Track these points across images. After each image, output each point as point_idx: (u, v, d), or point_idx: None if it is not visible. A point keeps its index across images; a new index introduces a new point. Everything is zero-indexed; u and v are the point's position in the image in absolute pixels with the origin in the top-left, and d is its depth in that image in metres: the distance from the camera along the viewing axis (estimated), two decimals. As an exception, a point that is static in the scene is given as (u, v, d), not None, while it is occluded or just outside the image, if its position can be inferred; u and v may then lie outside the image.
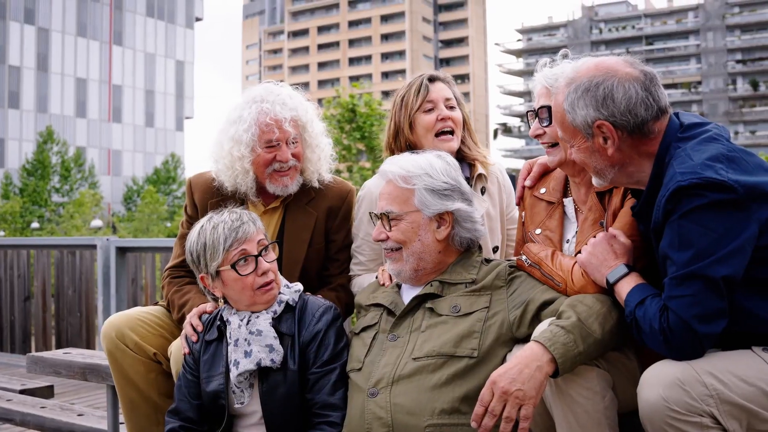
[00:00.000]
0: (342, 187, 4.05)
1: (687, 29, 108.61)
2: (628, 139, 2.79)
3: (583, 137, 2.84)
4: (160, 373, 3.78)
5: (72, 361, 4.47)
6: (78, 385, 7.44)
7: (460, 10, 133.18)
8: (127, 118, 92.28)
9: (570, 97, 2.82)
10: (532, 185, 3.53)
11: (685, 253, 2.56)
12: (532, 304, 3.02)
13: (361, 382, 3.09)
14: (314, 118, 3.91)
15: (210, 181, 3.95)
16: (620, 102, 2.74)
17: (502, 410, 2.69)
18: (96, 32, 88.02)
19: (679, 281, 2.57)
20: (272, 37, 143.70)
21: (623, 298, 2.81)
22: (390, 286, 3.43)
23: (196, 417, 3.36)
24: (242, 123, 3.73)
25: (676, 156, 2.70)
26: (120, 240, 8.24)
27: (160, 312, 3.92)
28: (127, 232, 53.69)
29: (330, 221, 3.97)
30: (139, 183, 78.50)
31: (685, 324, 2.55)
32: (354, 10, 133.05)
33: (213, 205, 3.73)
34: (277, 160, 3.75)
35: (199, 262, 3.32)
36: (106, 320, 3.82)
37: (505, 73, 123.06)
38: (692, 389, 2.52)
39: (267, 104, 3.72)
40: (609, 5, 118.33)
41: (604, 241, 2.95)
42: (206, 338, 3.42)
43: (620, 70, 2.80)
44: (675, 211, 2.59)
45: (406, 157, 3.38)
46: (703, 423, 2.51)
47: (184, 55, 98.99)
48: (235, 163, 3.75)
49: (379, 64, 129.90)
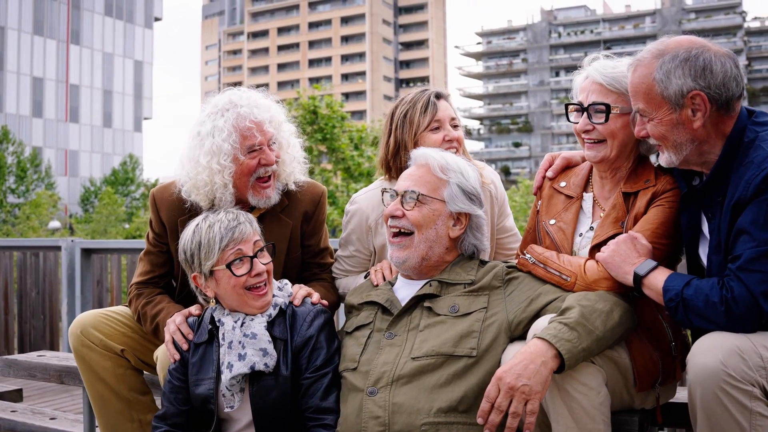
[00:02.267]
0: (314, 191, 3.96)
1: (644, 34, 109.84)
2: (714, 114, 2.88)
3: (670, 108, 2.90)
4: (128, 368, 3.76)
5: (47, 363, 4.41)
6: (44, 388, 7.34)
7: (421, 13, 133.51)
8: (85, 118, 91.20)
9: (665, 66, 2.88)
10: (554, 177, 3.58)
11: (767, 232, 2.66)
12: (535, 304, 3.06)
13: (357, 382, 3.09)
14: (285, 119, 3.84)
15: (177, 197, 3.77)
16: (718, 74, 2.84)
17: (508, 406, 2.72)
18: (53, 31, 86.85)
19: (758, 257, 2.67)
20: (232, 38, 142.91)
21: (659, 286, 2.89)
22: (383, 284, 3.44)
23: (184, 422, 3.32)
24: (220, 133, 3.58)
25: (762, 139, 2.81)
26: (85, 241, 8.11)
27: (126, 312, 3.89)
28: (84, 233, 52.88)
29: (305, 226, 3.91)
30: (96, 184, 77.53)
31: (753, 298, 2.66)
32: (314, 12, 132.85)
33: (183, 223, 3.59)
34: (261, 164, 3.65)
35: (193, 260, 3.29)
36: (73, 320, 3.78)
37: (465, 75, 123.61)
38: (749, 358, 2.60)
39: (243, 108, 3.61)
40: (568, 9, 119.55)
41: (627, 240, 3.04)
42: (195, 341, 3.37)
43: (712, 47, 2.91)
44: (766, 192, 2.69)
45: (444, 153, 3.44)
46: (753, 393, 2.60)
47: (143, 55, 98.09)
48: (214, 177, 3.59)
49: (339, 66, 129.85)
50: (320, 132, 30.19)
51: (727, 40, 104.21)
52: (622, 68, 3.23)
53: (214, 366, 3.27)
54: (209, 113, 3.66)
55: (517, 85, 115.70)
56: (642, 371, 3.05)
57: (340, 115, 31.02)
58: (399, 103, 3.89)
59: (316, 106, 30.25)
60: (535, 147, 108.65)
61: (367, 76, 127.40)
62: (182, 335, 3.40)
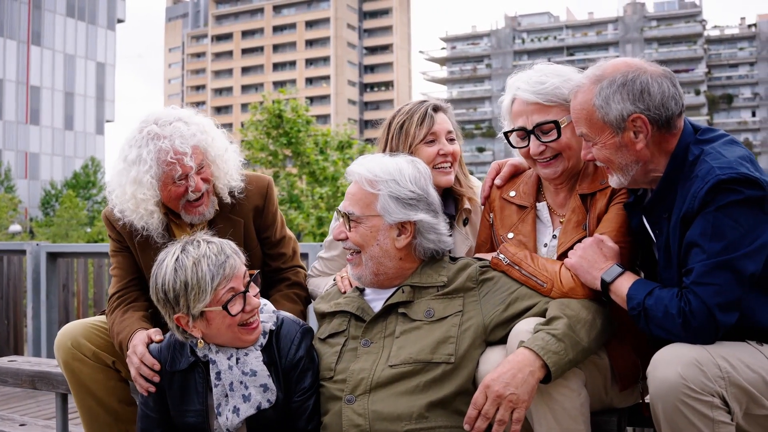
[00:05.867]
0: (260, 184, 3.92)
1: (607, 41, 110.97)
2: (656, 134, 2.92)
3: (612, 132, 2.93)
4: (119, 380, 3.70)
5: (19, 369, 4.30)
6: (8, 394, 7.21)
7: (385, 18, 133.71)
8: (46, 120, 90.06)
9: (604, 92, 2.91)
10: (502, 185, 3.56)
11: (717, 243, 2.70)
12: (513, 309, 3.05)
13: (335, 390, 3.06)
14: (213, 133, 3.72)
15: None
16: (656, 95, 2.88)
17: (495, 413, 2.74)
18: (13, 31, 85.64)
19: (710, 269, 2.70)
20: (195, 41, 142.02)
21: (623, 293, 2.91)
22: (351, 290, 3.39)
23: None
24: (143, 164, 3.51)
25: (706, 153, 2.85)
26: (51, 245, 8.03)
27: None
28: (45, 237, 52.19)
29: (257, 220, 3.90)
30: (57, 187, 76.65)
31: (708, 310, 2.68)
32: (279, 15, 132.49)
33: (141, 244, 3.63)
34: (188, 191, 3.58)
35: (177, 302, 2.97)
36: (59, 330, 3.71)
37: (429, 80, 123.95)
38: (708, 370, 2.63)
39: (165, 141, 3.51)
40: (531, 16, 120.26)
41: (593, 244, 3.05)
42: (169, 369, 3.19)
43: (648, 68, 2.94)
44: (712, 203, 2.73)
45: (377, 160, 3.30)
46: (713, 403, 2.63)
47: (105, 56, 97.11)
48: (139, 206, 3.55)
49: (304, 70, 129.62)
50: (285, 136, 29.97)
51: (687, 47, 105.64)
52: (548, 79, 3.23)
53: (201, 398, 3.11)
54: (135, 138, 3.58)
55: (481, 91, 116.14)
56: (623, 371, 3.10)
57: (305, 119, 30.85)
58: (396, 113, 3.83)
59: (281, 110, 30.07)
60: (499, 152, 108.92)
61: (332, 80, 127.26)
62: (148, 368, 3.22)
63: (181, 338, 3.13)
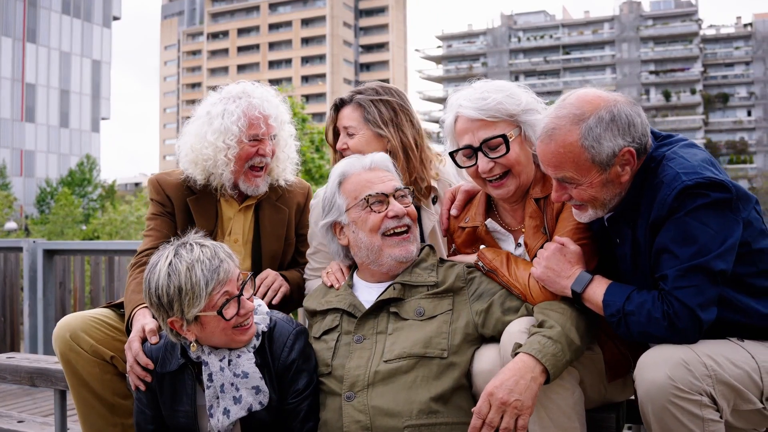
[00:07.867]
0: (303, 185, 4.27)
1: (603, 40, 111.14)
2: (638, 162, 2.91)
3: (599, 170, 2.88)
4: (115, 374, 3.71)
5: (18, 365, 4.31)
6: (5, 392, 7.22)
7: (381, 16, 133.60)
8: (41, 117, 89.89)
9: (593, 132, 2.83)
10: (458, 214, 3.56)
11: (689, 248, 2.73)
12: (495, 307, 3.10)
13: (333, 386, 3.09)
14: (288, 120, 4.07)
15: (180, 180, 3.96)
16: (638, 125, 2.88)
17: (500, 421, 2.74)
18: (8, 29, 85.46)
19: (685, 273, 2.73)
20: (191, 39, 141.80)
21: (598, 301, 2.90)
22: (341, 287, 3.41)
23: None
24: (230, 115, 3.79)
25: (669, 158, 2.85)
26: (47, 242, 8.02)
27: (112, 315, 3.84)
28: (41, 234, 52.13)
29: (298, 216, 4.16)
30: (53, 185, 76.45)
31: (691, 311, 2.71)
32: (275, 13, 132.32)
33: (193, 202, 3.87)
34: (258, 154, 3.85)
35: (171, 306, 2.95)
36: (58, 322, 3.72)
37: (425, 79, 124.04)
38: (695, 369, 2.66)
39: (255, 99, 3.85)
40: (528, 14, 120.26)
41: (555, 251, 3.03)
42: (159, 371, 3.20)
43: (618, 98, 2.92)
44: (681, 208, 2.75)
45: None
46: (702, 401, 2.66)
47: (101, 54, 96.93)
48: (218, 154, 3.80)
49: (300, 68, 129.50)
50: (281, 134, 30.00)
51: (683, 46, 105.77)
52: (489, 95, 3.19)
53: (190, 399, 3.13)
54: (222, 98, 3.89)
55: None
56: (611, 362, 3.13)
57: (301, 117, 30.88)
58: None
59: (277, 107, 30.06)
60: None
61: (328, 79, 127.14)
62: (141, 368, 3.25)
63: (174, 340, 3.13)
